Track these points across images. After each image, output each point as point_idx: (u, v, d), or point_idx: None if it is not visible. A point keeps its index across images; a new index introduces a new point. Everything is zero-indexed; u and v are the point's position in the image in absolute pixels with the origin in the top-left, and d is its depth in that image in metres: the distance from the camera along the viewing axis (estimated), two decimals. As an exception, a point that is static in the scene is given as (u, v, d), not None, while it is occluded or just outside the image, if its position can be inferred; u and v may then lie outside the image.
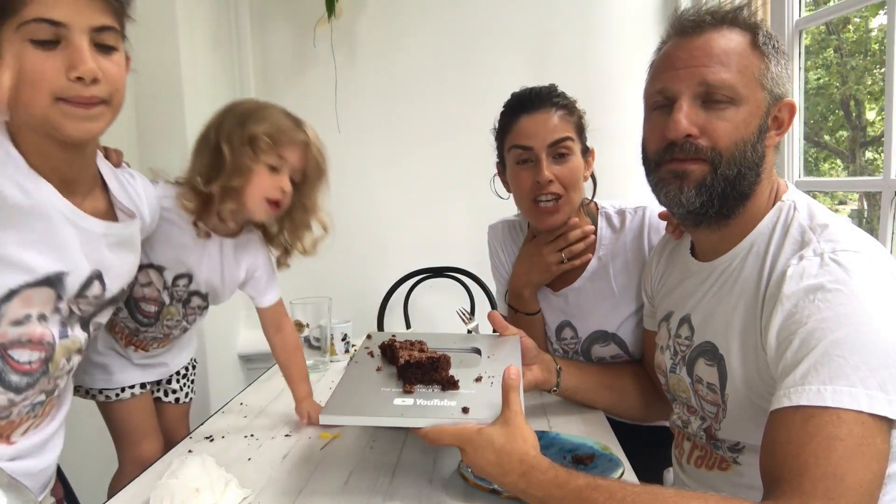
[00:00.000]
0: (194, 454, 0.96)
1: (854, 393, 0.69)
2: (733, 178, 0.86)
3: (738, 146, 0.85)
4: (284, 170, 1.17)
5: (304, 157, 1.20)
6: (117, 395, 1.26)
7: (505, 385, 0.83)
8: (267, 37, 2.55)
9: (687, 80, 0.86)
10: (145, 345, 1.27)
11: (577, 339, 1.33)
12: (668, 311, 1.06)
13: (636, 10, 2.45)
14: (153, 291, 1.20)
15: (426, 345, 1.07)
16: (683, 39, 0.88)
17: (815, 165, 4.83)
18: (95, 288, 0.92)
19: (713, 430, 0.95)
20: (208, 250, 1.22)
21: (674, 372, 1.02)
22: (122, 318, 1.22)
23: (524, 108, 1.23)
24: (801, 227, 0.84)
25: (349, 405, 0.88)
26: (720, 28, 0.87)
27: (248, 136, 1.13)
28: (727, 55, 0.85)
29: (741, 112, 0.85)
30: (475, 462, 0.82)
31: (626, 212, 1.31)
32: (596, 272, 1.29)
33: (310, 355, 1.52)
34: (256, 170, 1.14)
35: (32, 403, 0.90)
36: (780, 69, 0.87)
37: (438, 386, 0.92)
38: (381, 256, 2.61)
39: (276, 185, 1.16)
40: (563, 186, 1.21)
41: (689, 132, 0.85)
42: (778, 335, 0.78)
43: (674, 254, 1.10)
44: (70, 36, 0.77)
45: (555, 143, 1.20)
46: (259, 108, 1.19)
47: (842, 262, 0.76)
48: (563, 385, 1.16)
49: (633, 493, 0.71)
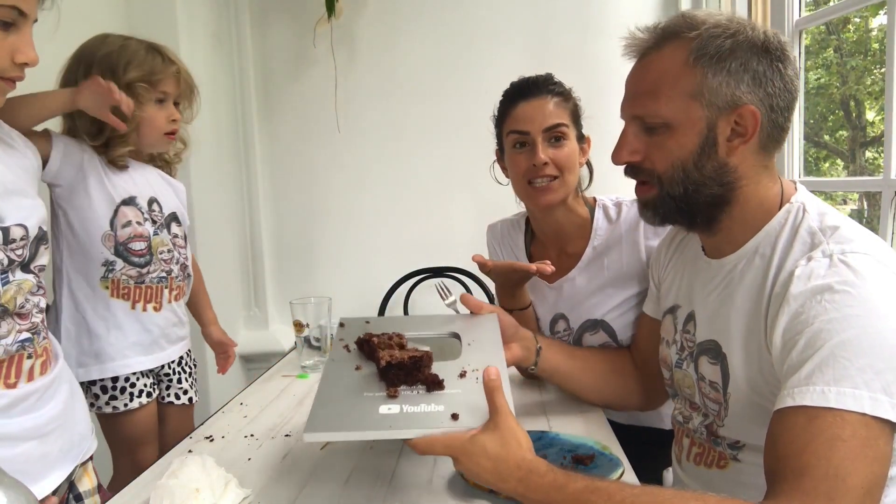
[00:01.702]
0: (194, 454, 0.96)
1: (858, 395, 0.69)
2: (681, 195, 0.90)
3: (676, 167, 0.88)
4: (169, 101, 1.27)
5: (179, 84, 1.28)
6: (126, 406, 1.26)
7: (487, 388, 0.81)
8: (267, 37, 2.55)
9: (627, 110, 0.93)
10: (157, 294, 1.29)
11: (569, 330, 1.34)
12: (675, 304, 1.06)
13: (636, 10, 2.45)
14: (135, 228, 1.25)
15: (405, 338, 1.02)
16: (633, 63, 0.93)
17: (815, 165, 4.83)
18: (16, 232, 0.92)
19: (715, 427, 0.95)
20: (140, 172, 1.30)
21: (679, 367, 1.02)
22: (120, 271, 1.24)
23: (521, 94, 1.28)
24: (810, 228, 0.84)
25: (334, 418, 0.84)
26: (648, 54, 0.90)
27: (126, 84, 1.19)
28: (655, 83, 0.88)
29: (675, 135, 0.87)
30: (470, 470, 0.81)
31: (622, 204, 1.33)
32: (591, 261, 1.31)
33: (310, 355, 1.52)
34: (146, 113, 1.22)
35: (19, 341, 0.92)
36: (722, 77, 0.84)
37: (423, 386, 0.90)
38: (381, 256, 2.61)
39: (167, 118, 1.26)
40: (558, 168, 1.25)
41: (627, 161, 0.93)
42: (784, 335, 0.78)
43: (683, 245, 1.10)
44: (23, 25, 0.85)
45: (550, 127, 1.25)
46: (120, 51, 1.22)
47: (851, 263, 0.76)
48: (542, 365, 1.13)
49: (632, 494, 0.71)
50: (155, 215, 1.30)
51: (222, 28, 2.44)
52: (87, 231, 1.21)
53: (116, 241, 1.22)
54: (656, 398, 1.19)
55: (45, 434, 0.93)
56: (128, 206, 1.24)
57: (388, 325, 1.09)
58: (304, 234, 2.67)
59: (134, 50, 1.22)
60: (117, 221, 1.22)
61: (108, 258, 1.22)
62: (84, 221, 1.21)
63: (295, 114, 2.57)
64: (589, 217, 1.34)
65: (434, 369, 0.92)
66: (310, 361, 1.52)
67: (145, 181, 1.30)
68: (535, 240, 1.43)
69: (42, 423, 0.93)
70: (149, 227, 1.27)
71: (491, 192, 1.41)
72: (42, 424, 0.93)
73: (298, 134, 2.58)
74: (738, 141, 0.86)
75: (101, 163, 1.23)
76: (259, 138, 2.57)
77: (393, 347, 0.97)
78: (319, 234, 2.66)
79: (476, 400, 0.86)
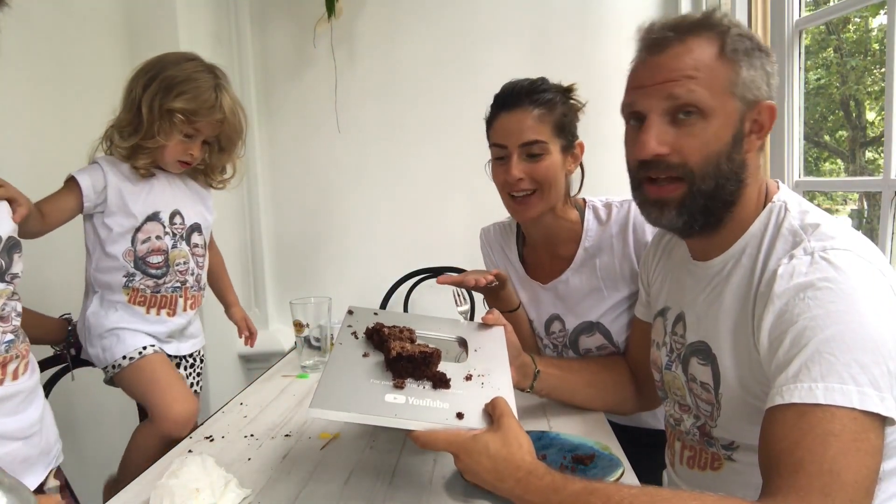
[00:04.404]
0: (194, 454, 0.96)
1: (846, 390, 0.69)
2: (711, 191, 0.86)
3: (711, 160, 0.85)
4: (197, 139, 1.30)
5: (218, 129, 1.32)
6: (140, 354, 1.30)
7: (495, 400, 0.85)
8: (267, 37, 2.55)
9: (654, 96, 0.86)
10: (172, 302, 1.35)
11: (564, 331, 1.34)
12: (665, 306, 1.06)
13: (635, 10, 2.46)
14: (154, 242, 1.31)
15: (415, 333, 1.03)
16: (651, 56, 0.87)
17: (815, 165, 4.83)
18: None
19: (708, 427, 0.95)
20: (166, 183, 1.35)
21: (669, 369, 1.02)
22: (140, 282, 1.31)
23: (504, 105, 1.25)
24: (791, 227, 0.84)
25: (340, 398, 0.85)
26: (685, 41, 0.85)
27: (167, 109, 1.23)
28: (692, 69, 0.84)
29: (711, 125, 0.84)
30: (470, 468, 0.81)
31: (612, 205, 1.33)
32: (583, 263, 1.31)
33: (310, 355, 1.52)
34: (170, 139, 1.26)
35: (4, 342, 0.95)
36: (753, 72, 0.85)
37: (429, 382, 0.91)
38: (381, 256, 2.61)
39: (186, 151, 1.30)
40: (535, 182, 1.23)
41: (656, 152, 0.85)
42: (770, 334, 0.78)
43: (671, 246, 1.10)
44: None
45: (527, 143, 1.22)
46: (186, 79, 1.26)
47: (832, 260, 0.76)
48: (538, 387, 1.15)
49: (631, 495, 0.71)
50: (176, 228, 1.35)
51: (222, 28, 2.44)
52: (113, 249, 1.29)
53: (136, 255, 1.30)
54: (654, 399, 1.20)
55: (28, 436, 0.96)
56: (151, 222, 1.31)
57: (397, 319, 1.09)
58: (304, 234, 2.67)
59: (197, 84, 1.26)
60: (138, 237, 1.30)
61: (129, 270, 1.30)
62: (111, 240, 1.29)
63: (295, 114, 2.57)
64: (579, 220, 1.33)
65: (440, 369, 0.93)
66: (310, 361, 1.52)
67: (170, 193, 1.35)
68: (527, 243, 1.43)
69: (26, 425, 0.96)
70: (168, 241, 1.33)
71: (491, 192, 1.40)
72: (26, 427, 0.96)
73: (298, 134, 2.58)
74: (754, 136, 0.87)
75: (125, 178, 1.29)
76: (259, 138, 2.57)
77: (403, 340, 0.98)
78: (319, 234, 2.66)
79: (480, 403, 0.87)
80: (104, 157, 1.30)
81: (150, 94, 1.24)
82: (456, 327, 1.11)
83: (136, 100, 1.25)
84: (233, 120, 1.33)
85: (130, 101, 1.27)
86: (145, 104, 1.24)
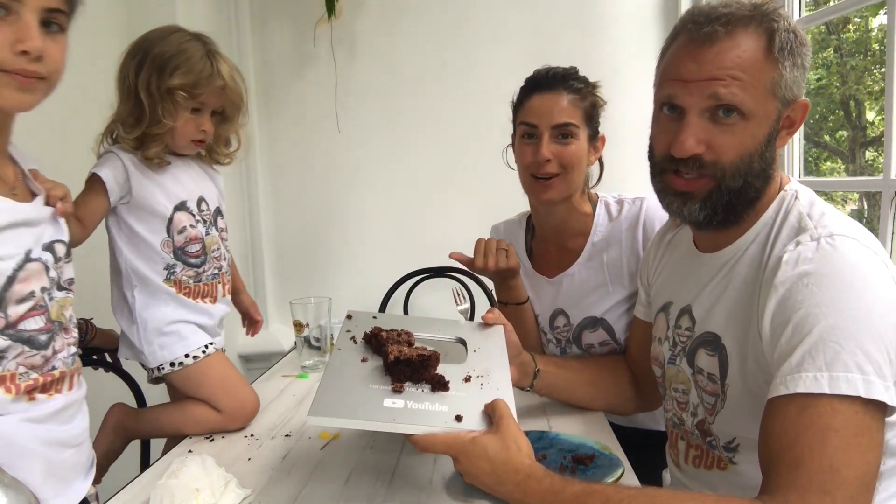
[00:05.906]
0: (194, 454, 0.96)
1: (851, 378, 0.68)
2: (738, 188, 0.85)
3: (744, 159, 0.84)
4: (205, 111, 1.26)
5: (222, 97, 1.28)
6: (204, 352, 1.26)
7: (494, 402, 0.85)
8: (267, 37, 2.55)
9: (697, 93, 0.83)
10: (213, 290, 1.32)
11: (569, 326, 1.34)
12: (667, 301, 1.05)
13: (635, 10, 2.45)
14: (189, 231, 1.27)
15: (413, 336, 1.03)
16: (696, 47, 0.83)
17: (815, 165, 4.83)
18: (59, 250, 0.94)
19: (706, 424, 0.94)
20: (184, 169, 1.31)
21: (672, 363, 1.02)
22: (182, 273, 1.27)
23: (538, 86, 1.29)
24: (799, 214, 0.84)
25: (338, 404, 0.86)
26: (734, 35, 0.82)
27: (167, 89, 1.18)
28: (739, 69, 0.81)
29: (750, 125, 0.83)
30: (469, 471, 0.81)
31: (624, 201, 1.34)
32: (590, 257, 1.32)
33: (310, 355, 1.52)
34: (177, 119, 1.21)
35: (71, 354, 0.94)
36: (795, 72, 0.83)
37: (428, 385, 0.91)
38: (381, 256, 2.61)
39: (198, 128, 1.25)
40: (561, 165, 1.25)
41: (695, 152, 0.84)
42: (772, 321, 0.77)
43: (674, 243, 1.10)
44: (22, 11, 0.78)
45: (559, 125, 1.25)
46: (176, 53, 1.21)
47: (837, 246, 0.76)
48: (538, 385, 1.15)
49: (630, 496, 0.71)
50: (204, 215, 1.32)
51: (222, 28, 2.43)
52: (148, 239, 1.24)
53: (174, 245, 1.26)
54: (654, 400, 1.20)
55: (80, 444, 0.95)
56: (181, 212, 1.27)
57: (396, 322, 1.09)
58: (304, 233, 2.67)
59: (189, 56, 1.21)
60: (173, 228, 1.25)
61: (169, 262, 1.26)
62: (144, 230, 1.24)
63: (295, 114, 2.56)
64: (592, 214, 1.34)
65: (439, 371, 0.92)
66: (310, 361, 1.52)
67: (190, 179, 1.31)
68: (535, 236, 1.44)
69: (79, 432, 0.95)
70: (201, 229, 1.29)
71: (491, 192, 1.41)
72: (78, 434, 0.95)
73: (298, 134, 2.58)
74: (785, 132, 0.87)
75: (144, 168, 1.23)
76: (259, 138, 2.57)
77: (401, 344, 0.98)
78: (319, 234, 2.66)
79: (479, 405, 0.87)
80: (118, 146, 1.25)
81: (145, 78, 1.19)
82: (455, 328, 1.10)
83: (132, 87, 1.20)
84: (233, 85, 1.29)
85: (126, 90, 1.22)
86: (142, 89, 1.19)
